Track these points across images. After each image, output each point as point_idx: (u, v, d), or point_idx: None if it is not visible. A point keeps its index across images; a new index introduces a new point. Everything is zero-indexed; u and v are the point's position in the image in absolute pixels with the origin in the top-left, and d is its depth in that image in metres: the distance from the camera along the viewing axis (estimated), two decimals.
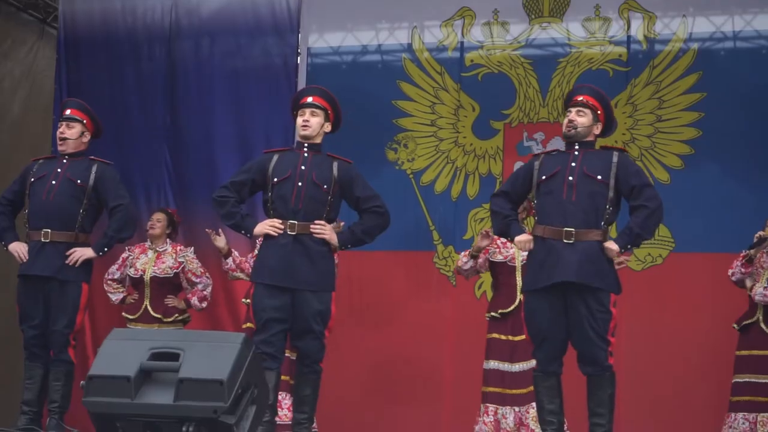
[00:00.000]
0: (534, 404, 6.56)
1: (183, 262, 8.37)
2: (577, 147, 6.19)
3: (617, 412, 6.30)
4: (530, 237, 6.16)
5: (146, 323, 8.24)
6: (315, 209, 6.38)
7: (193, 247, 8.57)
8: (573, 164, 6.11)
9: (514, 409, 7.47)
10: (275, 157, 6.51)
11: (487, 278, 8.47)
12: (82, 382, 5.86)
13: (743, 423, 7.53)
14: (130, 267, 8.43)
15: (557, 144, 8.77)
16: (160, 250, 8.43)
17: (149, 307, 8.28)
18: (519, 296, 7.26)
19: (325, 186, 6.41)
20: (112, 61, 9.82)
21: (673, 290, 8.42)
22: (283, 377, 7.17)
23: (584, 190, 6.03)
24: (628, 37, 8.85)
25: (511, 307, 7.48)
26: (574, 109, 6.25)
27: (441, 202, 9.01)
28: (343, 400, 8.65)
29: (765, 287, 7.51)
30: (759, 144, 8.42)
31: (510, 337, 7.50)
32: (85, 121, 7.12)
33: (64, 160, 7.03)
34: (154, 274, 8.34)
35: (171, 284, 8.38)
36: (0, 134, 10.08)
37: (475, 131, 9.05)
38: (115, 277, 8.49)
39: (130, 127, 9.51)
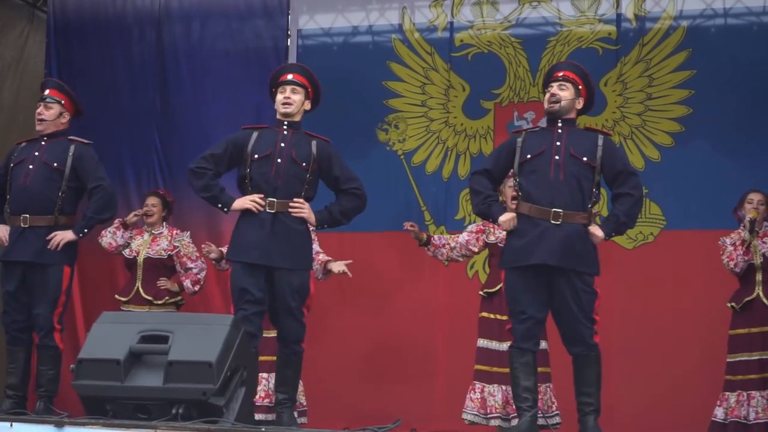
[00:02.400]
0: None
1: (178, 246, 8.36)
2: (560, 124, 6.11)
3: (609, 389, 6.43)
4: (513, 215, 6.06)
5: (138, 305, 8.23)
6: (294, 187, 6.34)
7: (189, 232, 8.55)
8: (558, 143, 6.02)
9: (501, 388, 7.40)
10: (255, 134, 6.44)
11: (479, 259, 8.48)
12: (72, 365, 5.88)
13: (740, 401, 7.50)
14: (126, 248, 8.42)
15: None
16: (156, 233, 8.43)
17: (141, 289, 8.27)
18: None
19: (304, 164, 6.36)
20: (102, 45, 9.81)
21: (664, 268, 8.42)
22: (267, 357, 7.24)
23: (571, 171, 5.97)
24: (618, 15, 8.83)
25: (498, 287, 7.29)
26: (555, 84, 6.16)
27: (432, 182, 9.01)
28: (336, 382, 8.68)
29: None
30: (749, 121, 8.41)
31: (498, 316, 7.42)
32: (63, 102, 7.07)
33: (43, 142, 7.00)
34: (147, 255, 8.33)
35: (164, 267, 8.37)
36: None
37: (466, 111, 9.04)
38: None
39: (120, 111, 9.50)
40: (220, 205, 6.41)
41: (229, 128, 9.29)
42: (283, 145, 6.36)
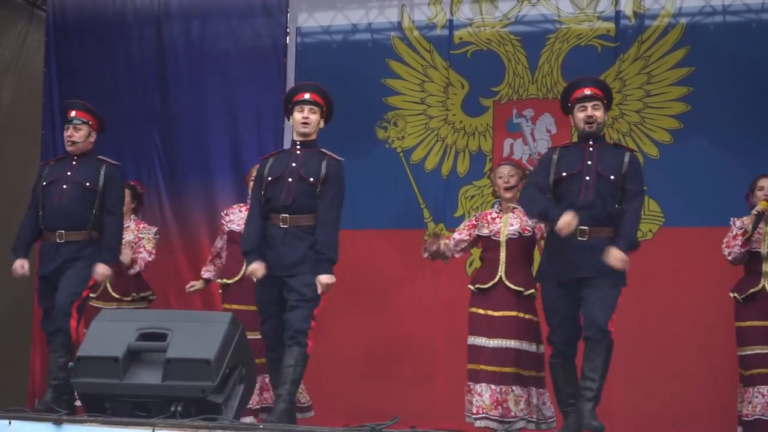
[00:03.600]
0: (515, 387, 7.15)
1: (143, 237, 8.22)
2: (591, 142, 6.52)
3: (607, 386, 6.47)
4: (572, 216, 6.30)
5: (106, 302, 8.09)
6: (305, 203, 6.64)
7: (157, 228, 8.48)
8: (589, 162, 6.45)
9: (490, 387, 7.18)
10: (270, 161, 6.84)
11: (477, 254, 8.47)
12: (70, 363, 5.90)
13: (757, 396, 7.32)
14: None
15: (546, 121, 8.84)
16: (124, 226, 8.17)
17: (108, 285, 8.07)
18: (500, 272, 7.26)
19: (312, 179, 6.66)
20: (101, 44, 9.81)
21: (663, 265, 8.40)
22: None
23: (599, 190, 6.38)
24: (617, 12, 8.83)
25: (491, 283, 7.28)
26: (589, 104, 6.50)
27: (431, 179, 9.00)
28: (336, 379, 8.67)
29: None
30: (748, 118, 8.41)
31: (489, 312, 7.29)
32: (90, 122, 7.40)
33: (74, 162, 7.32)
34: None
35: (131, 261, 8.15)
36: None
37: (465, 109, 9.04)
38: None
39: (120, 110, 9.49)
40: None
41: (229, 127, 9.37)
42: (294, 164, 6.70)
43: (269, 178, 6.71)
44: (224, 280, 7.93)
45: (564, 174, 6.47)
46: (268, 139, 9.32)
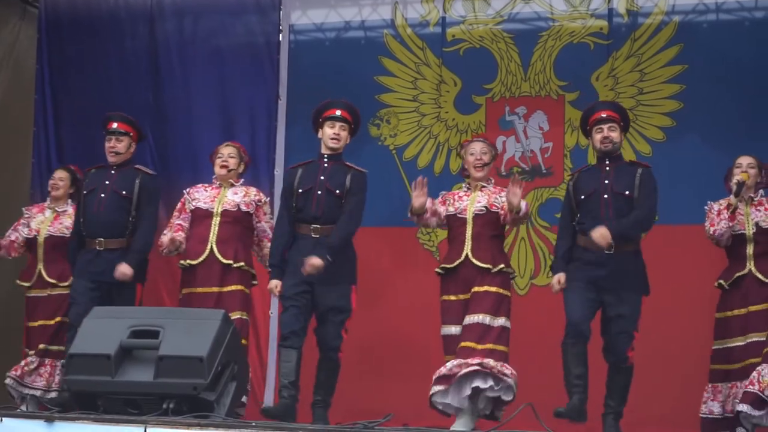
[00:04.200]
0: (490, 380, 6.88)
1: None
2: (608, 162, 6.97)
3: (600, 384, 6.87)
4: (605, 228, 6.73)
5: (41, 289, 8.08)
6: (334, 214, 7.12)
7: None
8: (606, 181, 6.90)
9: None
10: (299, 171, 7.26)
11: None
12: (62, 360, 5.89)
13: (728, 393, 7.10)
14: (25, 227, 8.26)
15: (539, 118, 8.85)
16: (60, 210, 8.25)
17: (43, 271, 8.06)
18: (466, 250, 7.03)
19: (338, 191, 7.13)
20: (94, 41, 9.79)
21: (657, 263, 8.32)
22: None
23: (617, 207, 6.83)
24: (610, 10, 8.84)
25: (457, 262, 7.03)
26: (605, 126, 6.95)
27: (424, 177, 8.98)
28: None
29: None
30: (740, 116, 8.42)
31: (460, 296, 7.03)
32: (131, 134, 7.84)
33: (113, 171, 7.64)
34: (49, 233, 8.14)
35: (67, 247, 7.99)
36: None
37: (457, 106, 9.05)
38: (11, 238, 8.30)
39: (112, 106, 9.36)
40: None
41: (221, 123, 9.35)
42: (322, 177, 7.12)
43: (299, 190, 7.16)
44: (187, 261, 7.60)
45: (582, 197, 6.94)
46: (261, 136, 9.32)
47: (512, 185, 6.86)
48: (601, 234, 6.71)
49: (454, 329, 7.03)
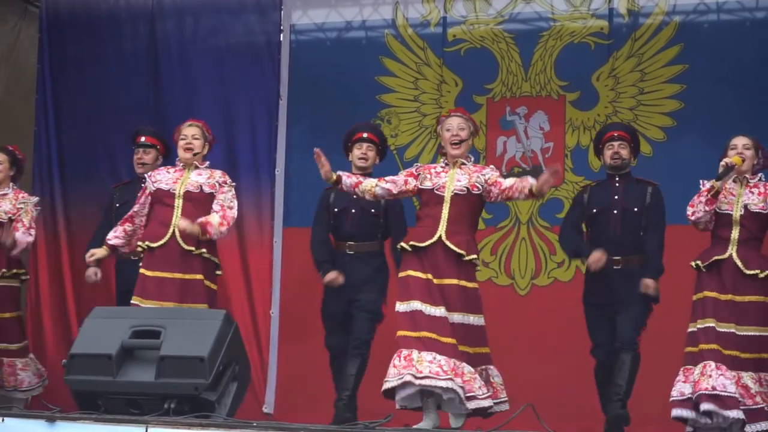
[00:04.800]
0: (464, 365, 6.41)
1: (21, 208, 7.89)
2: (617, 178, 7.27)
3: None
4: (601, 253, 7.09)
5: None
6: (368, 231, 7.47)
7: (38, 198, 8.26)
8: (616, 197, 7.22)
9: (443, 356, 6.35)
10: (334, 192, 7.46)
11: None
12: (63, 360, 5.89)
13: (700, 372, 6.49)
14: None
15: (539, 118, 8.86)
16: (0, 193, 8.00)
17: None
18: (440, 231, 6.52)
19: (373, 210, 7.42)
20: (94, 40, 9.78)
21: None
22: None
23: (626, 223, 7.18)
24: (611, 10, 8.84)
25: (429, 242, 6.50)
26: (616, 143, 7.25)
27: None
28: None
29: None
30: (741, 116, 8.38)
31: (430, 276, 6.47)
32: (158, 147, 8.14)
33: (142, 184, 7.59)
34: None
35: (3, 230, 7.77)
36: None
37: (458, 106, 9.01)
38: None
39: (113, 107, 9.49)
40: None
41: (222, 124, 9.35)
42: (355, 197, 7.09)
43: (335, 210, 7.49)
44: (147, 243, 7.19)
45: (594, 211, 7.25)
46: (262, 137, 9.33)
47: (553, 176, 6.44)
48: (595, 258, 7.09)
49: (417, 305, 6.42)
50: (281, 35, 9.46)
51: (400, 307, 6.49)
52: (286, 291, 9.11)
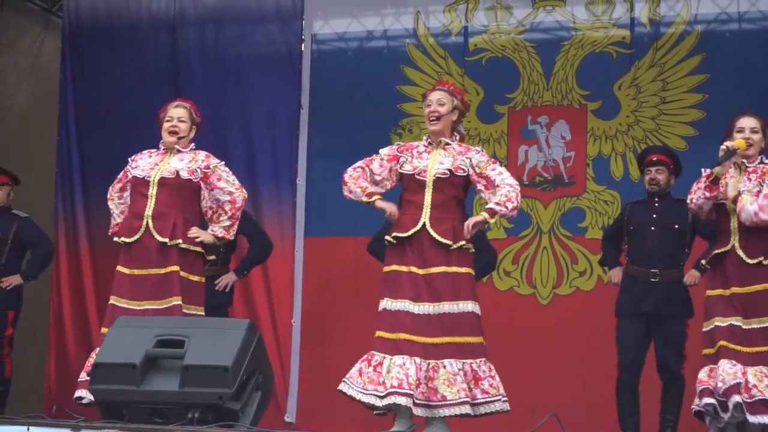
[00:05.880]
0: (446, 362, 6.03)
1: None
2: (657, 199, 7.43)
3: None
4: (619, 274, 7.55)
5: None
6: None
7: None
8: (654, 216, 7.37)
9: (415, 361, 6.01)
10: None
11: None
12: (87, 370, 5.91)
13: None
14: None
15: (561, 128, 8.85)
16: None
17: None
18: (424, 218, 6.12)
19: None
20: (116, 50, 9.83)
21: None
22: None
23: (664, 238, 7.31)
24: (632, 19, 8.84)
25: (412, 231, 6.11)
26: (654, 168, 7.43)
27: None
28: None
29: (752, 202, 6.07)
30: None
31: (413, 269, 6.11)
32: None
33: None
34: None
35: None
36: (7, 124, 10.10)
37: (480, 115, 9.04)
38: None
39: (134, 116, 9.50)
40: None
41: (243, 133, 9.39)
42: None
43: None
44: (122, 239, 6.76)
45: (632, 228, 7.45)
46: (283, 146, 9.34)
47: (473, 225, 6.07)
48: (611, 275, 7.66)
49: (400, 304, 6.08)
50: (302, 45, 9.48)
51: (385, 304, 6.13)
52: (308, 300, 9.13)
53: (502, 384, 6.16)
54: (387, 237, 6.21)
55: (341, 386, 6.16)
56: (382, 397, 5.96)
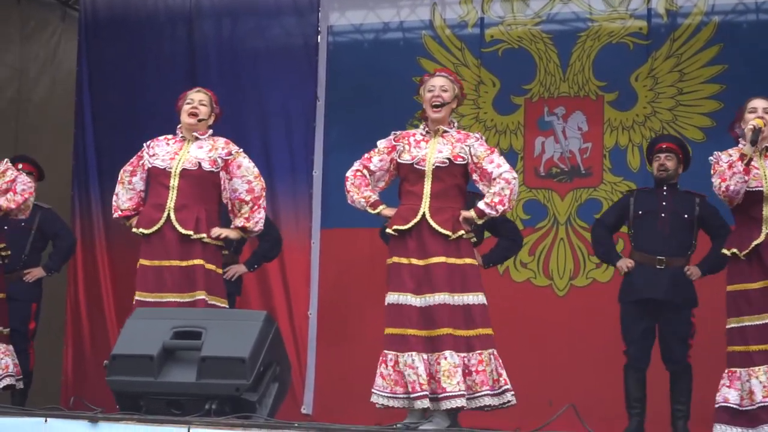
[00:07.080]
0: (446, 353, 5.94)
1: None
2: (665, 188, 7.37)
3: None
4: (629, 263, 7.33)
5: None
6: None
7: None
8: (664, 203, 7.32)
9: (422, 357, 5.98)
10: None
11: None
12: (105, 361, 5.93)
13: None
14: None
15: (578, 119, 8.83)
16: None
17: None
18: (423, 208, 6.05)
19: None
20: (133, 43, 9.86)
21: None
22: None
23: (674, 225, 7.27)
24: (649, 10, 8.81)
25: (412, 222, 6.03)
26: (663, 155, 7.38)
27: None
28: (364, 380, 8.59)
29: None
30: None
31: (413, 261, 6.04)
32: None
33: None
34: None
35: None
36: (25, 117, 10.13)
37: (496, 107, 9.04)
38: None
39: (151, 108, 9.51)
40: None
41: (259, 125, 9.39)
42: None
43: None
44: (141, 230, 6.68)
45: (641, 212, 7.36)
46: (299, 139, 9.36)
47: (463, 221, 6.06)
48: (619, 265, 7.39)
49: (404, 298, 6.01)
50: (319, 37, 9.49)
51: (389, 298, 6.07)
52: (324, 292, 9.14)
53: (508, 377, 6.05)
54: (388, 230, 6.12)
55: (373, 398, 6.11)
56: (410, 399, 5.95)
